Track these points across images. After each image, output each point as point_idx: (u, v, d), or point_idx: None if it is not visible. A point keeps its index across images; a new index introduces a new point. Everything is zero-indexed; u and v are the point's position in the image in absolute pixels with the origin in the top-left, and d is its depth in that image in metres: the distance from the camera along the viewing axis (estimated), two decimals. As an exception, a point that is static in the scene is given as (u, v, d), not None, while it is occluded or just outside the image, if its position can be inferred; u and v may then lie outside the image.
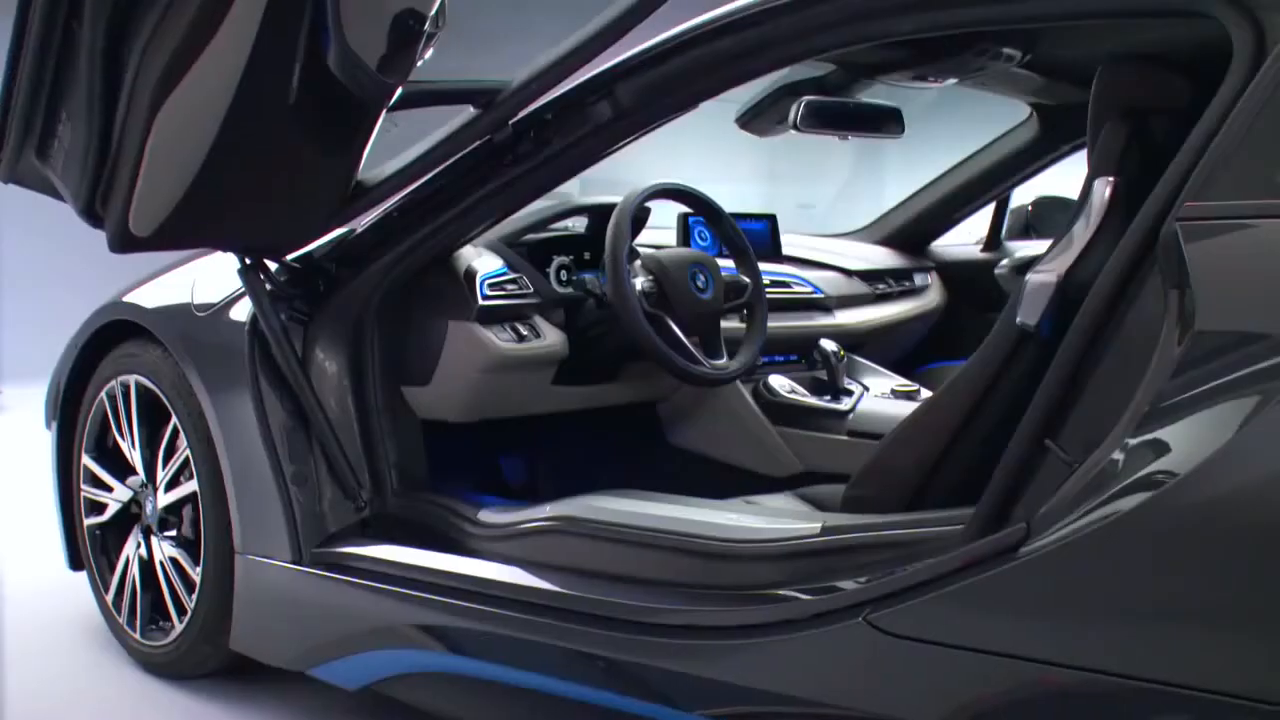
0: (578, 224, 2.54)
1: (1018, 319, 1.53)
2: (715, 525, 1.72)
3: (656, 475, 2.55)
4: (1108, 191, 1.55)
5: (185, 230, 1.92)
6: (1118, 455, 1.20)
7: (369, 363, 2.17)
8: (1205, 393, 1.15)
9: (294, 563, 2.09)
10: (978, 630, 1.31)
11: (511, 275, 2.22)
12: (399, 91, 1.83)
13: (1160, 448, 1.17)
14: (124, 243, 1.86)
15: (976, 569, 1.31)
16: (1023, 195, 3.27)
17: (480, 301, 2.13)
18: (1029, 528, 1.28)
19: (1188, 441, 1.15)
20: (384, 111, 1.89)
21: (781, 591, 1.54)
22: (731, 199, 3.95)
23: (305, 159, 1.93)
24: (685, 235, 2.70)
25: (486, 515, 2.00)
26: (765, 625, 1.49)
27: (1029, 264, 2.96)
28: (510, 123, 1.93)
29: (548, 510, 1.90)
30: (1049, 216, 3.27)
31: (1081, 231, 1.54)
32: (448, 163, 1.99)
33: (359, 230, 2.15)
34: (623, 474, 2.56)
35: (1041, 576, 1.26)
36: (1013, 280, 3.05)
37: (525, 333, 2.19)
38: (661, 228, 2.75)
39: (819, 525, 1.61)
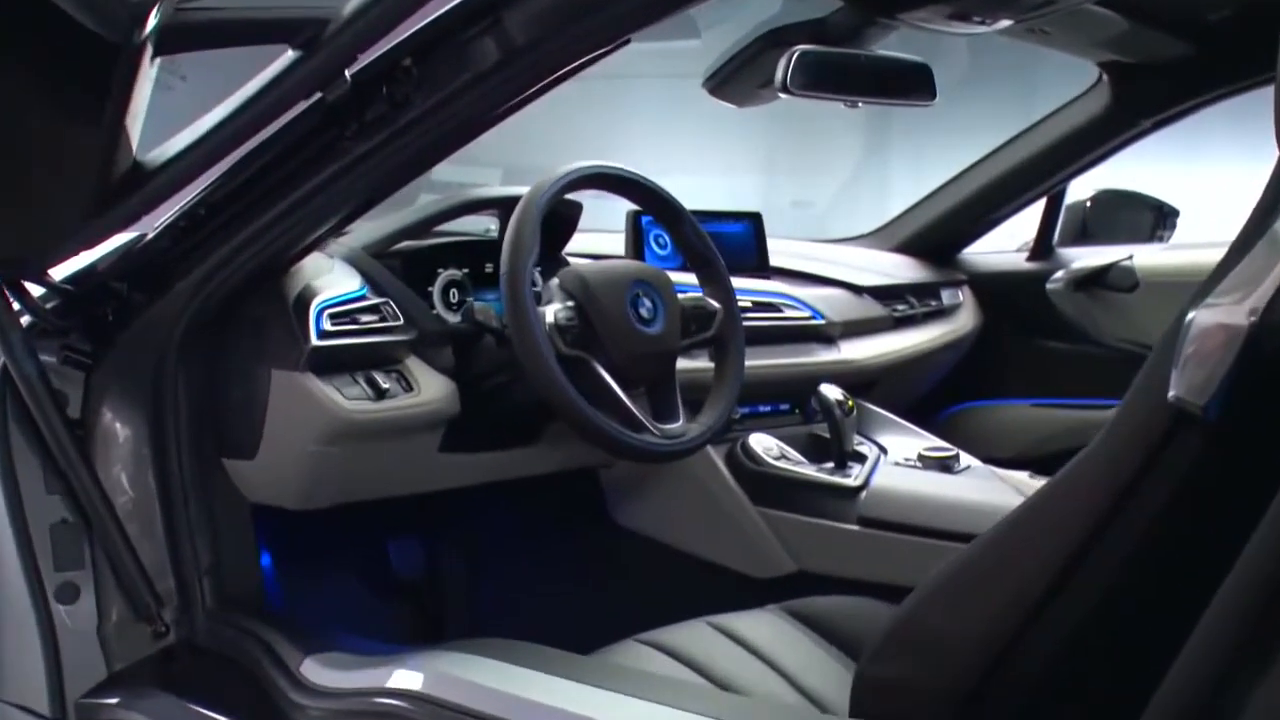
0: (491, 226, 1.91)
1: (1170, 392, 0.86)
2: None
3: (598, 566, 2.04)
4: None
5: None
6: None
7: (173, 425, 1.59)
8: None
9: (52, 718, 1.54)
10: None
11: (371, 300, 1.60)
12: (153, 21, 1.24)
13: None
14: None
15: None
16: (1079, 188, 2.64)
17: (314, 341, 1.51)
18: None
19: None
20: (147, 55, 1.29)
21: None
22: (723, 195, 3.40)
23: (29, 129, 1.35)
24: (637, 242, 2.05)
25: (313, 671, 1.41)
26: None
27: (1090, 278, 2.43)
28: (348, 73, 1.35)
29: (395, 678, 1.29)
30: (1112, 217, 2.64)
31: (1281, 243, 0.86)
32: (264, 135, 1.42)
33: (151, 236, 1.56)
34: (553, 564, 2.07)
35: None
36: (1070, 298, 2.44)
37: (387, 385, 1.57)
38: (610, 231, 2.12)
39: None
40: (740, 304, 1.82)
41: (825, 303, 2.26)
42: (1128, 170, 2.56)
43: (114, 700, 1.50)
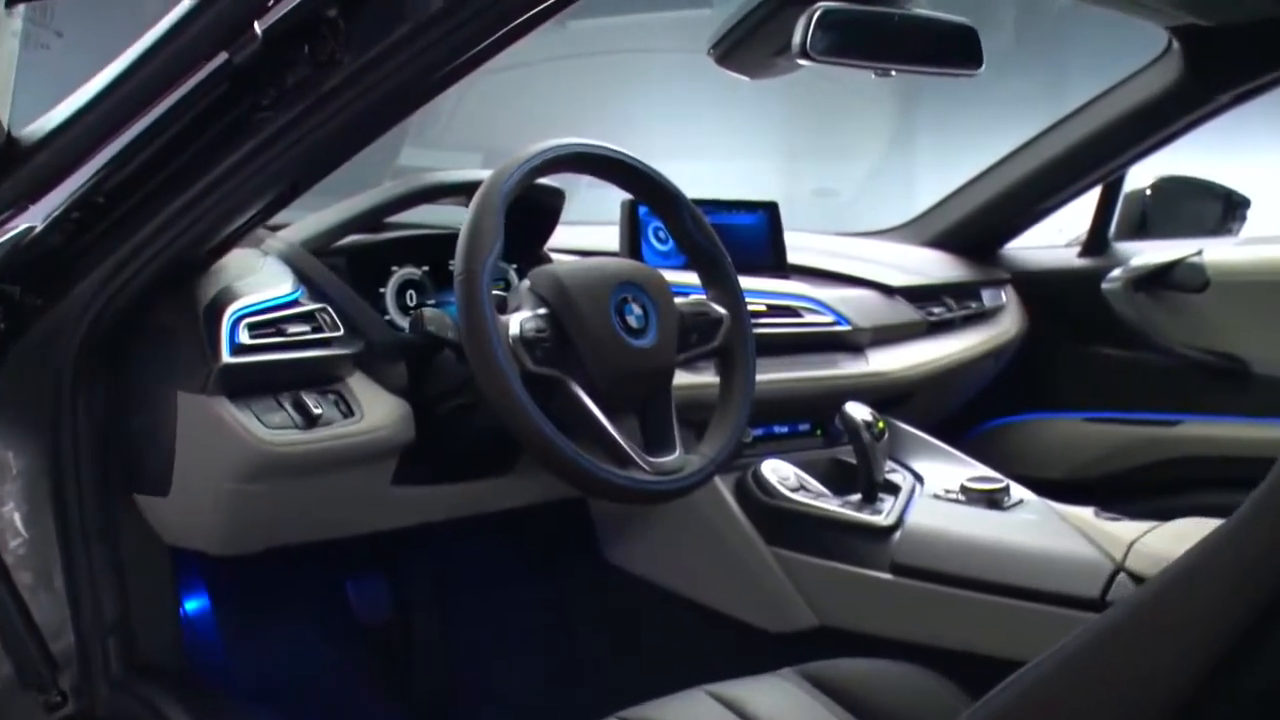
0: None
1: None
2: None
3: (585, 612, 1.81)
4: None
5: None
6: None
7: (72, 455, 1.36)
8: None
9: (-78, 810, 1.35)
10: None
11: (305, 306, 1.36)
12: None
13: None
14: None
15: None
16: (1138, 175, 2.40)
17: (226, 357, 1.27)
18: None
19: None
20: None
21: None
22: (738, 181, 3.16)
23: None
24: (634, 237, 1.79)
25: None
26: None
27: (1152, 276, 2.22)
28: (258, 26, 1.12)
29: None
30: (1176, 207, 2.40)
31: None
32: (164, 105, 1.20)
33: (40, 229, 1.33)
34: (536, 608, 1.84)
35: None
36: (1129, 299, 2.21)
37: (320, 410, 1.33)
38: (606, 223, 1.87)
39: None
40: (752, 308, 1.57)
41: (851, 306, 2.04)
42: (1152, 163, 2.34)
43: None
